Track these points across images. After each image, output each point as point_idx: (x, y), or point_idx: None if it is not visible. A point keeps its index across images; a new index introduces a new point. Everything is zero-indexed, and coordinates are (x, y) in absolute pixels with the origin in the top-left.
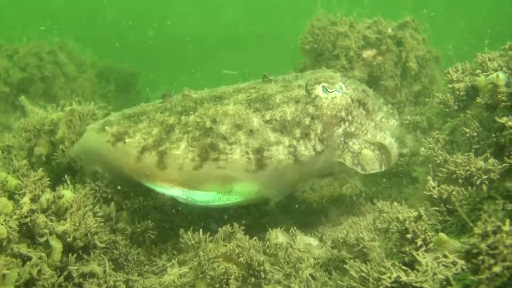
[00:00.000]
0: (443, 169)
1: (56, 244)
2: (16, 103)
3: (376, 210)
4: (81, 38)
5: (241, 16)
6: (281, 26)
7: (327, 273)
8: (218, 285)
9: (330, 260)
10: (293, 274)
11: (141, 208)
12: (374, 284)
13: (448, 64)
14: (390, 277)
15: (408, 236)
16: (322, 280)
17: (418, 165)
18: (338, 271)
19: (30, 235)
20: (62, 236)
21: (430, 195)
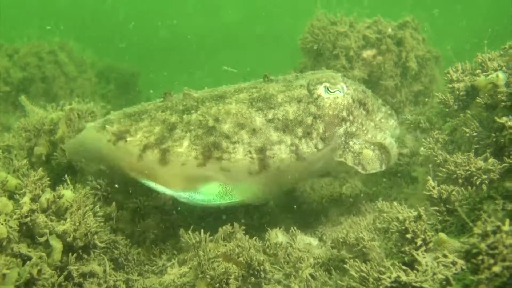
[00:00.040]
0: (443, 169)
1: (56, 244)
2: (16, 103)
3: (376, 210)
4: (83, 38)
5: (241, 16)
6: (281, 26)
7: (327, 273)
8: (218, 285)
9: (330, 260)
10: (293, 274)
11: (142, 208)
12: (374, 284)
13: (448, 64)
14: (390, 277)
15: (408, 236)
16: (322, 280)
17: (418, 165)
18: (338, 271)
19: (30, 235)
20: (62, 236)
21: (430, 195)
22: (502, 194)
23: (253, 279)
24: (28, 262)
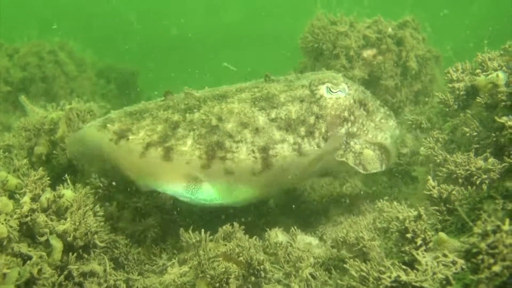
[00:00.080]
0: (443, 169)
1: (57, 244)
2: (17, 103)
3: (376, 210)
4: (85, 38)
5: (241, 16)
6: (281, 26)
7: (327, 272)
8: (218, 284)
9: (330, 259)
10: (293, 273)
11: (142, 207)
12: (374, 284)
13: (448, 64)
14: (390, 277)
15: (408, 236)
16: (322, 280)
17: (418, 165)
18: (338, 270)
19: (31, 235)
20: (63, 236)
21: (430, 195)
22: (502, 194)
23: (253, 279)
24: (29, 262)
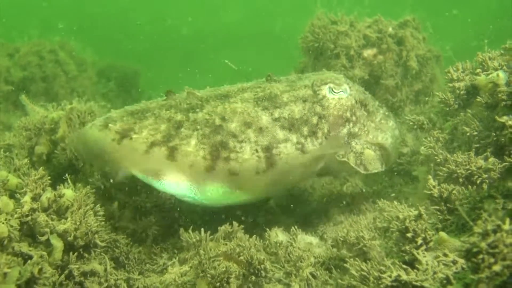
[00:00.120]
0: (444, 168)
1: (57, 243)
2: (17, 102)
3: (377, 209)
4: (86, 37)
5: (241, 16)
6: (282, 26)
7: (328, 272)
8: (219, 284)
9: (331, 259)
10: (294, 273)
11: (143, 206)
12: (375, 283)
13: (449, 63)
14: (391, 276)
15: (409, 235)
16: (323, 279)
17: (419, 164)
18: (339, 270)
19: (31, 234)
20: (63, 235)
21: (431, 194)
22: (503, 193)
23: (254, 278)
24: (29, 261)
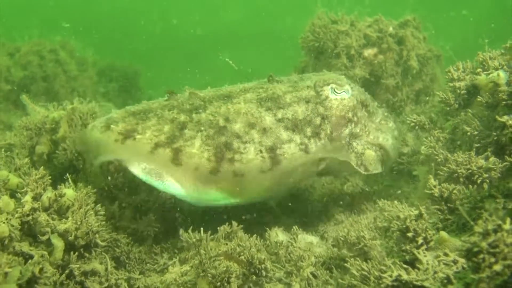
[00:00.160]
0: (444, 168)
1: (58, 243)
2: (18, 102)
3: (377, 209)
4: (88, 37)
5: (241, 16)
6: (282, 25)
7: (328, 272)
8: (220, 283)
9: (331, 259)
10: (294, 272)
11: (143, 204)
12: (375, 283)
13: (449, 63)
14: (391, 276)
15: (409, 235)
16: (323, 279)
17: (419, 164)
18: (339, 270)
19: (32, 234)
20: (64, 235)
21: (431, 194)
22: (503, 193)
23: (255, 278)
24: (30, 261)
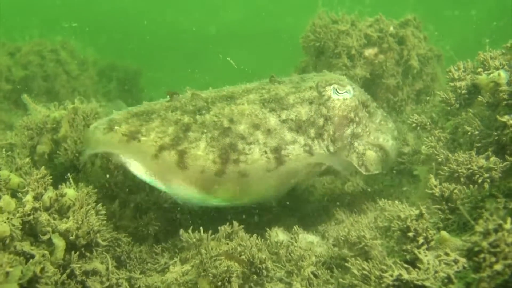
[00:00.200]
0: (445, 168)
1: (59, 242)
2: (18, 101)
3: (378, 208)
4: (90, 37)
5: (242, 16)
6: (282, 25)
7: (329, 271)
8: (220, 283)
9: (332, 258)
10: (295, 272)
11: (143, 204)
12: (376, 282)
13: (450, 62)
14: (392, 275)
15: (410, 234)
16: (324, 278)
17: (420, 163)
18: (340, 269)
19: (33, 233)
20: (65, 234)
21: (432, 193)
22: (504, 193)
23: (255, 277)
24: (31, 260)
